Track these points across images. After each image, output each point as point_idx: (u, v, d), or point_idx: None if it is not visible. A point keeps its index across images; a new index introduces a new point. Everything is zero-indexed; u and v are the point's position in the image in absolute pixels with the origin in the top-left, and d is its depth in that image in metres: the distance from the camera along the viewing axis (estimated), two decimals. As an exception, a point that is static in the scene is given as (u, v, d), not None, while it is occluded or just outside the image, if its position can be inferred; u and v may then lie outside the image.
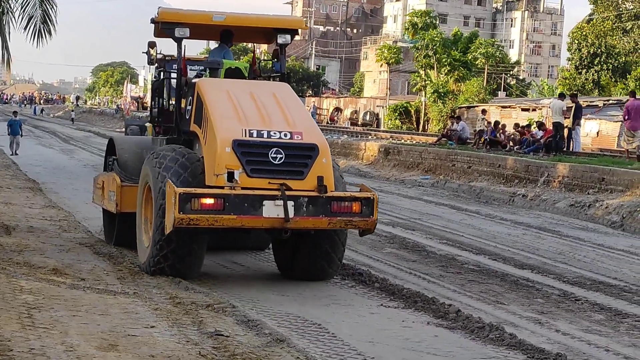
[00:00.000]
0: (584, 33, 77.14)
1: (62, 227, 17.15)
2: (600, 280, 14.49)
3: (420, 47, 77.21)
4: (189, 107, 13.54)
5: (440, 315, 11.34)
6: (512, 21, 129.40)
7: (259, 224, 11.98)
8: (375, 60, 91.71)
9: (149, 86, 38.92)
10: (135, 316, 10.07)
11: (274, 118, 12.55)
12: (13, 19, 20.70)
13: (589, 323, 11.52)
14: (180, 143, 13.59)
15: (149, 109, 36.98)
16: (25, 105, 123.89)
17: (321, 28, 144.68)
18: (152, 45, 14.55)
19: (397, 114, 77.08)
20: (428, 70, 76.54)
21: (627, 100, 34.31)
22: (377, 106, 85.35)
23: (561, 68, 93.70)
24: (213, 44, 15.89)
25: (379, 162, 39.34)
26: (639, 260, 17.21)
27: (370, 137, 52.04)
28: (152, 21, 14.59)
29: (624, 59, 75.28)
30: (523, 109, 57.13)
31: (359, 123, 77.13)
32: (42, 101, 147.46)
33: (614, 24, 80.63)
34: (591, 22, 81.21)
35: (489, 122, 43.31)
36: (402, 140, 48.13)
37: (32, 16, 20.70)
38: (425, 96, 74.97)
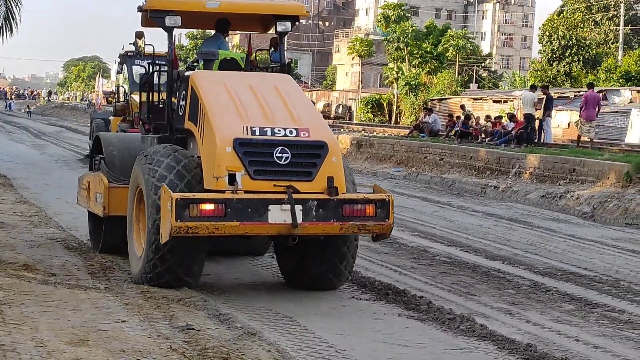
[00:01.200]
0: (555, 25, 77.41)
1: (33, 222, 17.08)
2: (571, 271, 14.57)
3: (392, 39, 77.30)
4: (182, 103, 12.39)
5: (411, 307, 11.37)
6: (483, 13, 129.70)
7: (264, 230, 10.86)
8: (348, 53, 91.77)
9: (117, 81, 38.34)
10: (107, 311, 10.05)
11: (277, 114, 11.37)
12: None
13: (560, 313, 11.59)
14: (173, 142, 12.43)
15: (113, 103, 37.09)
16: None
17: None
18: (139, 35, 13.88)
19: (369, 106, 77.14)
20: (400, 63, 76.65)
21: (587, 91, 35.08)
22: (349, 99, 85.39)
23: (533, 60, 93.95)
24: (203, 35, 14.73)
25: (351, 155, 39.37)
26: (609, 250, 17.32)
27: (342, 130, 52.06)
28: (140, 9, 13.36)
29: (594, 51, 75.60)
30: (495, 101, 57.34)
31: (332, 116, 77.15)
32: (13, 96, 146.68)
33: (585, 16, 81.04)
34: (562, 14, 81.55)
35: (463, 115, 43.39)
36: (375, 133, 48.20)
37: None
38: (397, 89, 75.07)
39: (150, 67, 13.99)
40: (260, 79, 12.80)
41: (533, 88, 38.77)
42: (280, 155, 10.80)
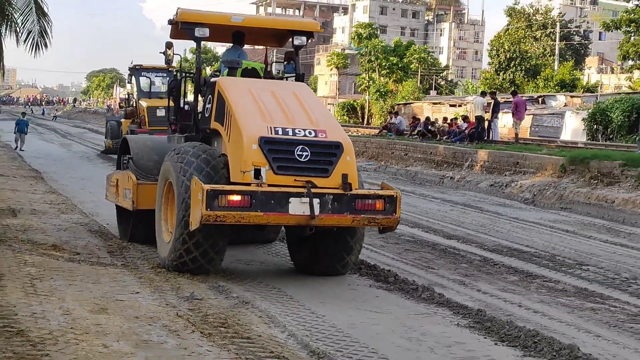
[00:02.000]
0: (502, 41, 77.49)
1: (60, 209, 17.00)
2: (515, 248, 14.60)
3: (364, 53, 77.35)
4: (208, 106, 11.87)
5: (380, 279, 11.37)
6: (441, 31, 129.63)
7: (284, 220, 10.42)
8: (327, 65, 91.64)
9: (128, 90, 38.29)
10: (123, 284, 10.04)
11: (297, 116, 10.90)
12: (15, 32, 20.51)
13: (505, 283, 11.61)
14: (199, 140, 11.89)
15: (124, 108, 37.21)
16: (29, 106, 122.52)
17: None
18: (169, 45, 12.78)
19: (345, 110, 77.25)
20: (371, 73, 76.61)
21: (520, 96, 36.37)
22: (328, 104, 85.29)
23: (483, 70, 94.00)
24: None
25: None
26: (547, 230, 17.36)
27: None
28: (170, 22, 12.87)
29: (534, 62, 75.73)
30: (451, 105, 57.41)
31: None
32: (43, 103, 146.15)
33: (526, 32, 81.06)
34: (507, 31, 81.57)
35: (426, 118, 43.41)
36: (350, 133, 48.11)
37: (31, 31, 20.52)
38: (368, 95, 75.08)
39: (178, 75, 13.39)
40: (280, 85, 12.41)
41: (483, 94, 38.89)
42: (300, 153, 10.37)
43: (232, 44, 13.37)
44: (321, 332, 8.53)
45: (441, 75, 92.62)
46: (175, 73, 13.72)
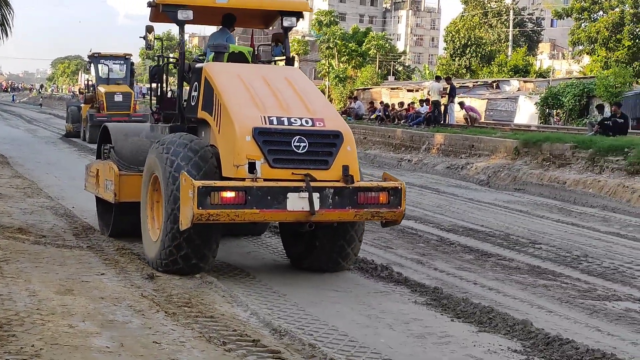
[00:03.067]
0: (457, 27, 77.73)
1: (26, 193, 16.83)
2: (470, 228, 14.68)
3: (324, 40, 77.21)
4: (194, 94, 10.79)
5: (340, 258, 11.34)
6: (399, 18, 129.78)
7: (282, 217, 9.46)
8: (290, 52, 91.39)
9: (88, 77, 39.18)
10: (88, 265, 9.98)
11: (292, 104, 9.89)
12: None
13: (461, 262, 11.67)
14: (184, 130, 10.93)
15: (84, 94, 37.83)
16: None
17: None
18: (149, 29, 11.66)
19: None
20: (331, 60, 76.54)
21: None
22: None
23: (439, 56, 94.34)
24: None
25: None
26: (501, 210, 17.47)
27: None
28: (150, 4, 11.71)
29: (489, 48, 76.05)
30: (408, 90, 57.50)
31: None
32: (9, 89, 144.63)
33: (481, 19, 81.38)
34: (462, 18, 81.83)
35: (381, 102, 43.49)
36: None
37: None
38: (328, 81, 74.98)
39: (160, 60, 12.42)
40: (272, 70, 11.37)
41: (438, 79, 38.99)
42: (298, 144, 9.37)
43: (219, 27, 12.44)
44: (283, 311, 8.54)
45: (399, 61, 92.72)
46: (157, 59, 12.58)
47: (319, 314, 8.47)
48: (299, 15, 11.79)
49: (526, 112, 44.12)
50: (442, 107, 35.39)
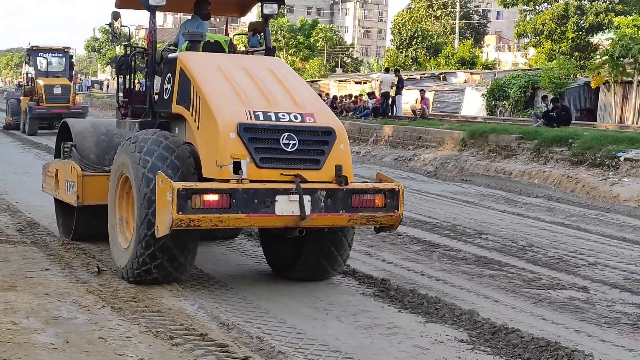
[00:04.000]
0: (404, 20, 78.12)
1: (-31, 189, 16.58)
2: (418, 219, 14.74)
3: (271, 32, 77.13)
4: (167, 86, 9.78)
5: (288, 251, 11.30)
6: (346, 11, 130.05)
7: (270, 223, 8.45)
8: (236, 43, 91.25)
9: (25, 69, 39.67)
10: (32, 261, 9.84)
11: (278, 98, 8.99)
12: None
13: (409, 253, 11.71)
14: (156, 126, 9.88)
15: (23, 87, 38.28)
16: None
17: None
18: (115, 16, 10.56)
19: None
20: (278, 52, 76.50)
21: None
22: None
23: (387, 48, 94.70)
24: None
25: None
26: (448, 202, 17.58)
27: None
28: None
29: (435, 40, 76.55)
30: (356, 82, 57.71)
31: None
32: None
33: (427, 12, 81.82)
34: (409, 10, 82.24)
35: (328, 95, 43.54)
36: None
37: None
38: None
39: (128, 50, 11.17)
40: (253, 61, 10.38)
41: (387, 70, 39.12)
42: (287, 141, 8.48)
43: (192, 15, 11.37)
44: (230, 304, 8.51)
45: (347, 53, 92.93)
46: (125, 48, 11.31)
47: (266, 306, 8.45)
48: (280, 1, 11.01)
49: (473, 104, 44.50)
50: (390, 99, 35.52)
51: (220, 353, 6.69)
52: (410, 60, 73.70)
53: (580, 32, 56.44)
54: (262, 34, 11.22)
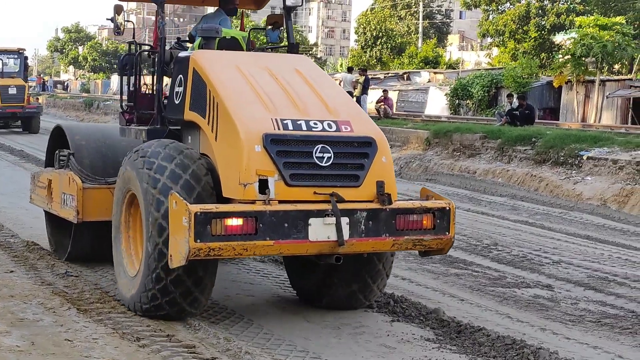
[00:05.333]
0: (368, 19, 78.24)
1: None
2: (383, 218, 14.74)
3: (182, 38, 76.95)
4: (178, 89, 8.51)
5: (255, 251, 11.26)
6: (310, 10, 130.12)
7: (302, 250, 7.24)
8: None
9: None
10: (-4, 263, 9.77)
11: (308, 103, 7.80)
12: None
13: (374, 252, 11.71)
14: (165, 135, 8.70)
15: None
16: None
17: (152, 17, 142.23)
18: (118, 10, 9.56)
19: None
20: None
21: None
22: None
23: (351, 48, 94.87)
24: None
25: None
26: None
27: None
28: None
29: (399, 40, 76.77)
30: (320, 82, 57.57)
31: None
32: None
33: (391, 12, 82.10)
34: (373, 10, 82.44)
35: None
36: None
37: None
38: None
39: (133, 47, 9.88)
40: (277, 60, 8.96)
41: (350, 70, 39.16)
42: (320, 155, 7.29)
43: (215, 8, 10.15)
44: (197, 305, 8.47)
45: (310, 53, 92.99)
46: (129, 46, 10.02)
47: (233, 307, 8.44)
48: None
49: (437, 103, 44.68)
50: (354, 99, 35.59)
51: (188, 354, 6.68)
52: (375, 60, 73.86)
53: (543, 32, 56.89)
54: (284, 28, 9.95)
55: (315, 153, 7.31)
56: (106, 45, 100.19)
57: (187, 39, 10.23)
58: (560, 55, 41.58)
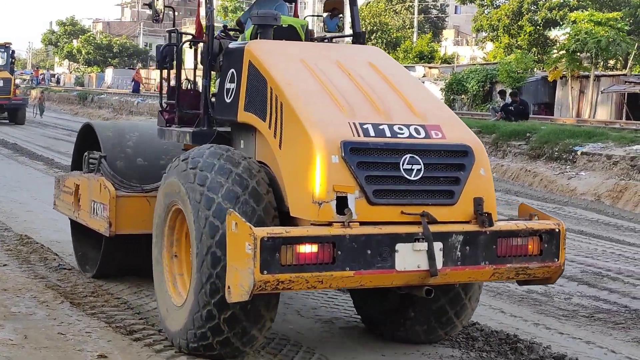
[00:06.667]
0: (363, 13, 78.27)
1: None
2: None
3: (230, 26, 77.02)
4: (230, 86, 7.29)
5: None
6: (305, 4, 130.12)
7: (388, 281, 6.01)
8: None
9: None
10: (-11, 256, 9.77)
11: (389, 103, 6.58)
12: None
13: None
14: (213, 139, 7.39)
15: None
16: None
17: (147, 11, 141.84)
18: None
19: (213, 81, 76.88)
20: (237, 45, 76.57)
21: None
22: (196, 76, 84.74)
23: (346, 42, 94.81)
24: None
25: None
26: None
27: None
28: None
29: (395, 34, 76.82)
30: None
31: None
32: None
33: (386, 6, 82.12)
34: (368, 4, 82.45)
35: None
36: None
37: None
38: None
39: (173, 37, 8.50)
40: (347, 52, 7.76)
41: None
42: (409, 166, 6.06)
43: None
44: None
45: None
46: (169, 35, 8.66)
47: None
48: None
49: (431, 98, 44.64)
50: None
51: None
52: (369, 54, 73.90)
53: (537, 27, 56.92)
54: (343, 16, 9.03)
55: (403, 164, 6.05)
56: (100, 39, 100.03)
57: (236, 27, 9.08)
58: (555, 51, 41.60)
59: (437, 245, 6.00)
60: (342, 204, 5.87)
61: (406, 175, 6.03)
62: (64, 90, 67.38)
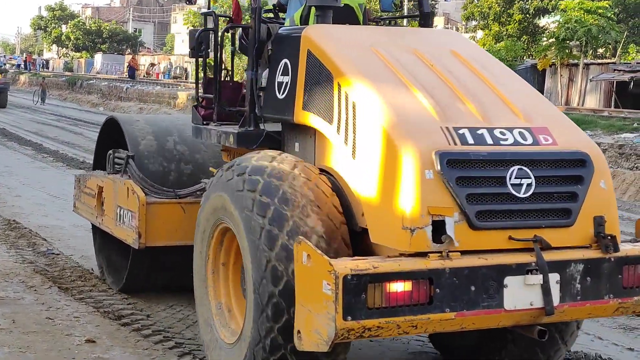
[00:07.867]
0: None
1: None
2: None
3: (219, 12, 76.87)
4: (282, 79, 6.01)
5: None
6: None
7: (494, 322, 4.80)
8: (183, 24, 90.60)
9: None
10: (-23, 241, 9.75)
11: (485, 101, 5.30)
12: None
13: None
14: (260, 142, 6.21)
15: None
16: None
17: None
18: None
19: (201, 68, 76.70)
20: (225, 32, 76.33)
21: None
22: (185, 62, 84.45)
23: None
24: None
25: (187, 109, 38.96)
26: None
27: (179, 87, 51.28)
28: None
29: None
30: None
31: (172, 76, 76.18)
32: None
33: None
34: None
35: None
36: (207, 90, 47.71)
37: None
38: (225, 53, 74.70)
39: (211, 22, 7.40)
40: (424, 37, 6.43)
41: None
42: (517, 181, 4.83)
43: None
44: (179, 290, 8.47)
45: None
46: (205, 18, 7.71)
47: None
48: None
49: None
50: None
51: (167, 333, 6.69)
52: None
53: (527, 15, 56.95)
54: None
55: (510, 179, 4.83)
56: (89, 24, 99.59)
57: (276, 7, 7.91)
58: (545, 39, 41.62)
59: (554, 277, 4.82)
60: (440, 229, 4.68)
61: (514, 192, 4.83)
62: (53, 76, 67.14)
